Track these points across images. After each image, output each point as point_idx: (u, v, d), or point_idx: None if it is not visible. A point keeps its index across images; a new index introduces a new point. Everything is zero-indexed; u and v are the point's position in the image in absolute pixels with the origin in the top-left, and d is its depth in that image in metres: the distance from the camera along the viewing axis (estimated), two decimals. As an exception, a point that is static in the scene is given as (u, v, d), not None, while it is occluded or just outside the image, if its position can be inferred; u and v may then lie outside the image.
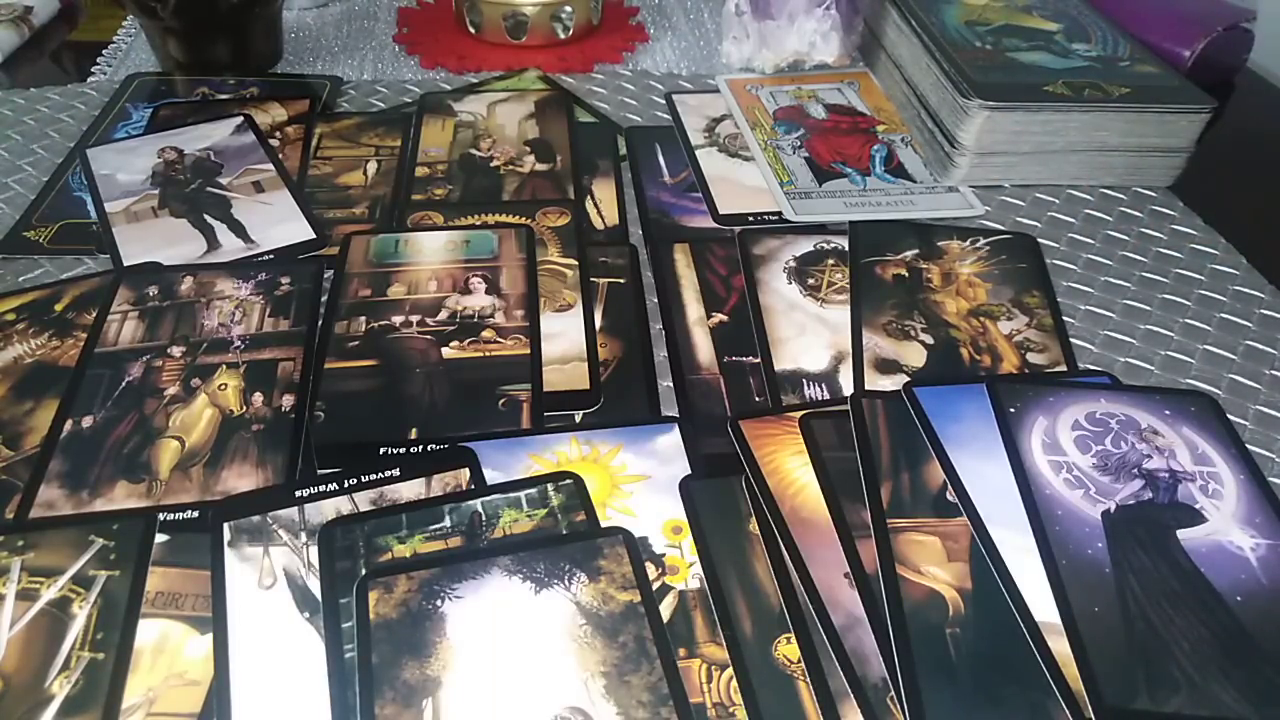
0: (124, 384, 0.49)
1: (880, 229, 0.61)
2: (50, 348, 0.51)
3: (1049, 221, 0.64)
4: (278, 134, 0.69)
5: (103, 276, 0.56)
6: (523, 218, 0.61)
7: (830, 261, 0.59)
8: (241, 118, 0.70)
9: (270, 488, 0.44)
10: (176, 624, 0.39)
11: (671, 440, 0.46)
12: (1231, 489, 0.44)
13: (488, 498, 0.43)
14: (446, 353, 0.51)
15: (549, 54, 0.82)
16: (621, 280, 0.57)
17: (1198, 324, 0.56)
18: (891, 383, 0.50)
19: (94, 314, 0.53)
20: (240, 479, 0.44)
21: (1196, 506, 0.43)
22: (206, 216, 0.61)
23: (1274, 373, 0.53)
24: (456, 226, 0.61)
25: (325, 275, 0.56)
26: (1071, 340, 0.54)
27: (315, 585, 0.40)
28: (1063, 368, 0.52)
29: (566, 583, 0.39)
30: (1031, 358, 0.53)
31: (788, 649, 0.39)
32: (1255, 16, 0.79)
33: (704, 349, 0.53)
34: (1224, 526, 0.42)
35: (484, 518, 0.42)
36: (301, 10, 0.88)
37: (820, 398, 0.50)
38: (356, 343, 0.51)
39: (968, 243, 0.60)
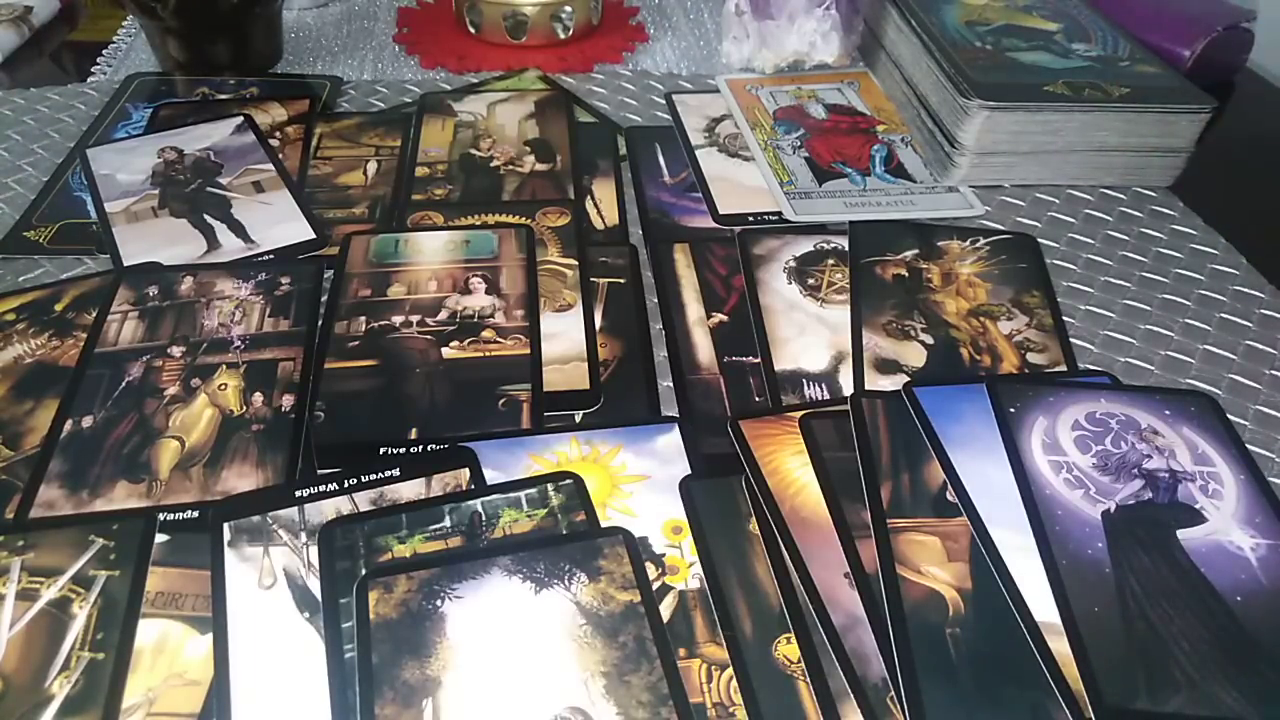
0: (124, 384, 0.49)
1: (880, 229, 0.61)
2: (50, 348, 0.51)
3: (1049, 221, 0.64)
4: (278, 134, 0.69)
5: (103, 276, 0.56)
6: (523, 218, 0.61)
7: (830, 261, 0.59)
8: (241, 118, 0.70)
9: (270, 488, 0.44)
10: (176, 624, 0.39)
11: (671, 440, 0.46)
12: (1231, 489, 0.44)
13: (488, 498, 0.43)
14: (446, 353, 0.51)
15: (549, 54, 0.82)
16: (621, 280, 0.57)
17: (1198, 324, 0.56)
18: (891, 383, 0.50)
19: (94, 314, 0.53)
20: (240, 479, 0.44)
21: (1196, 506, 0.43)
22: (206, 216, 0.61)
23: (1274, 373, 0.53)
24: (456, 226, 0.61)
25: (325, 275, 0.56)
26: (1071, 340, 0.54)
27: (315, 585, 0.40)
28: (1063, 368, 0.52)
29: (566, 583, 0.39)
30: (1031, 358, 0.53)
31: (788, 649, 0.39)
32: (1255, 16, 0.79)
33: (704, 349, 0.53)
34: (1224, 526, 0.42)
35: (484, 518, 0.42)
36: (301, 10, 0.88)
37: (820, 398, 0.50)
38: (356, 343, 0.51)
39: (968, 243, 0.60)
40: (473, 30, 0.83)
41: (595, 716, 0.35)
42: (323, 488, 0.43)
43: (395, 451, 0.46)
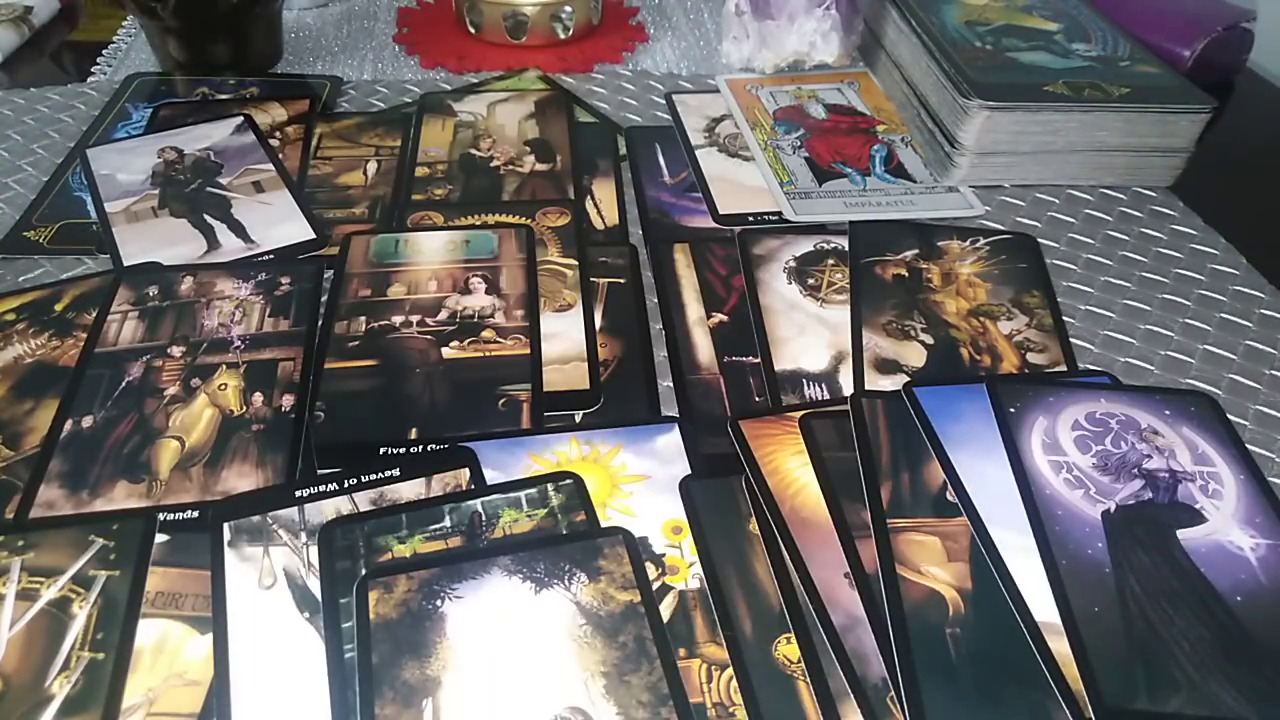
0: (124, 384, 0.49)
1: (880, 229, 0.61)
2: (50, 348, 0.51)
3: (1049, 221, 0.64)
4: (278, 134, 0.69)
5: (103, 276, 0.56)
6: (523, 218, 0.61)
7: (830, 261, 0.59)
8: (241, 118, 0.70)
9: (270, 488, 0.44)
10: (176, 624, 0.39)
11: (671, 440, 0.46)
12: (1231, 489, 0.44)
13: (488, 498, 0.43)
14: (446, 353, 0.51)
15: (549, 54, 0.82)
16: (621, 280, 0.57)
17: (1198, 324, 0.56)
18: (891, 383, 0.50)
19: (94, 314, 0.53)
20: (240, 479, 0.44)
21: (1196, 506, 0.43)
22: (206, 216, 0.61)
23: (1274, 373, 0.53)
24: (456, 226, 0.61)
25: (325, 275, 0.56)
26: (1071, 340, 0.54)
27: (315, 585, 0.40)
28: (1063, 368, 0.52)
29: (566, 583, 0.39)
30: (1031, 358, 0.53)
31: (788, 649, 0.39)
32: (1255, 16, 0.79)
33: (704, 349, 0.53)
34: (1224, 526, 0.42)
35: (484, 518, 0.42)
36: (301, 10, 0.88)
37: (820, 398, 0.50)
38: (356, 343, 0.51)
39: (968, 243, 0.60)
40: (473, 30, 0.83)
41: (595, 716, 0.35)
42: (323, 488, 0.43)
43: (395, 451, 0.46)
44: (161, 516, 0.43)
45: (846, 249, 0.59)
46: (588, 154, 0.69)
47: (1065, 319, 0.55)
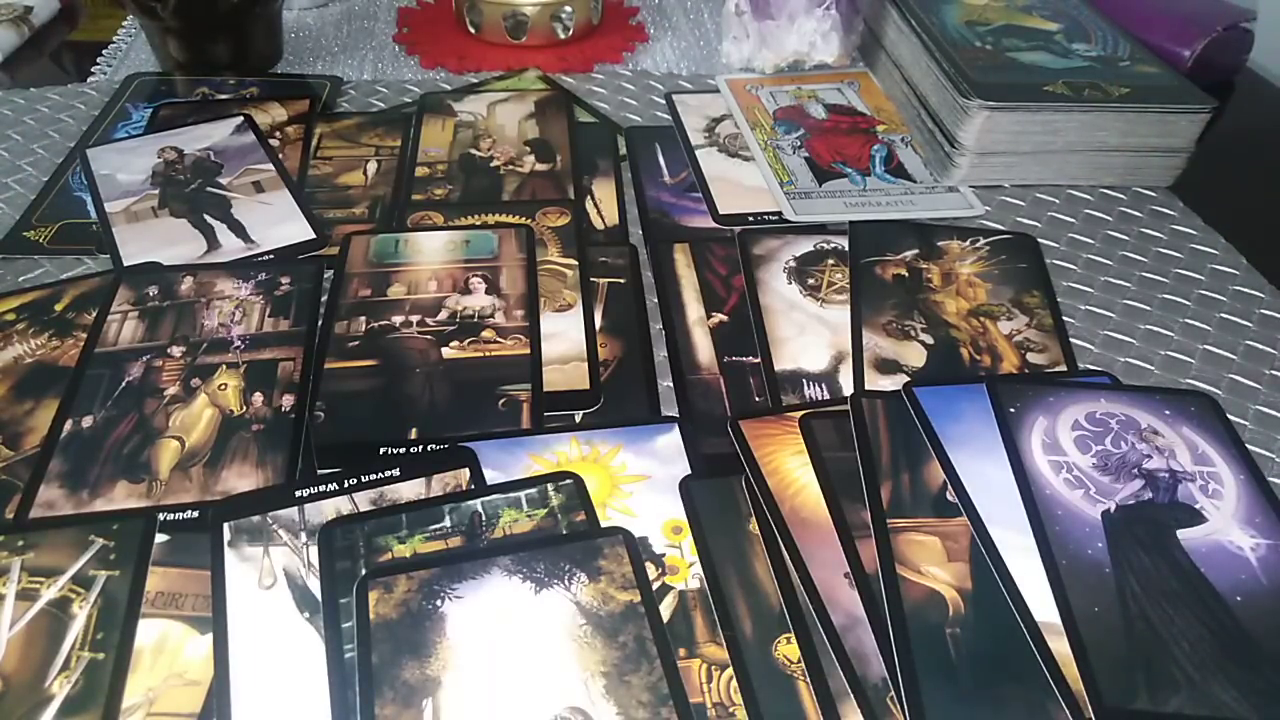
0: (124, 384, 0.49)
1: (880, 229, 0.61)
2: (50, 348, 0.51)
3: (1049, 221, 0.64)
4: (278, 134, 0.69)
5: (103, 276, 0.56)
6: (523, 218, 0.61)
7: (830, 261, 0.59)
8: (241, 118, 0.70)
9: (270, 488, 0.44)
10: (176, 624, 0.39)
11: (671, 440, 0.46)
12: (1231, 489, 0.44)
13: (488, 498, 0.43)
14: (446, 353, 0.51)
15: (549, 54, 0.82)
16: (621, 280, 0.57)
17: (1198, 324, 0.56)
18: (891, 383, 0.50)
19: (94, 314, 0.53)
20: (240, 479, 0.44)
21: (1196, 506, 0.43)
22: (206, 216, 0.61)
23: (1274, 373, 0.53)
24: (456, 226, 0.61)
25: (325, 275, 0.56)
26: (1071, 340, 0.54)
27: (315, 585, 0.40)
28: (1063, 368, 0.52)
29: (566, 583, 0.39)
30: (1031, 358, 0.53)
31: (788, 649, 0.39)
32: (1255, 16, 0.79)
33: (704, 349, 0.53)
34: (1224, 526, 0.42)
35: (484, 518, 0.42)
36: (301, 10, 0.88)
37: (820, 398, 0.50)
38: (356, 343, 0.51)
39: (968, 243, 0.60)
40: (473, 30, 0.83)
41: (595, 716, 0.35)
42: (323, 488, 0.43)
43: (395, 451, 0.46)
44: (161, 516, 0.43)
45: (846, 249, 0.59)
46: (588, 154, 0.69)
47: (1065, 319, 0.55)
